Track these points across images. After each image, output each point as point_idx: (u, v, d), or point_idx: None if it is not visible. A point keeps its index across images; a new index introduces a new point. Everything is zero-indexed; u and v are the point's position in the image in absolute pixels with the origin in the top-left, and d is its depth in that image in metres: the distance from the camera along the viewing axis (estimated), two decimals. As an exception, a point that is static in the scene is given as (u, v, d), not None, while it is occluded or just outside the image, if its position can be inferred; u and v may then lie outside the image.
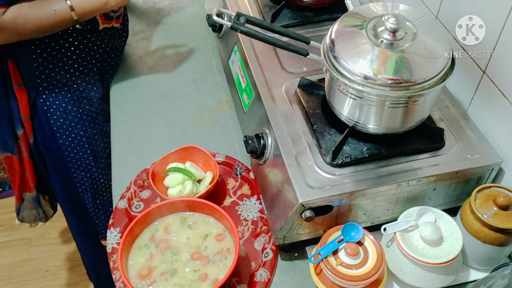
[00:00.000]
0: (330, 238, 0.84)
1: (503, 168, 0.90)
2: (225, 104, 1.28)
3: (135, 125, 1.25)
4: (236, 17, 0.90)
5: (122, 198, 1.07)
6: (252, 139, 0.95)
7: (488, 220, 0.80)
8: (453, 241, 0.82)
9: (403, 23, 0.79)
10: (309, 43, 0.92)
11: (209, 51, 1.45)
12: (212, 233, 0.90)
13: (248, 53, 1.10)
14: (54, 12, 1.03)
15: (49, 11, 1.02)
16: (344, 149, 0.88)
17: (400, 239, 0.82)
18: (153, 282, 0.83)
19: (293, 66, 1.07)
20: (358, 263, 0.81)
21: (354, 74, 0.79)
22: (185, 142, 1.10)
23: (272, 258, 0.93)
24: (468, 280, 0.89)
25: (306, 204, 0.82)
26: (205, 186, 1.02)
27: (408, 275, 0.83)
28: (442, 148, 0.90)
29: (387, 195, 0.86)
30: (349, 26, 0.85)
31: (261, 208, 1.02)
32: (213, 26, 1.27)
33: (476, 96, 0.96)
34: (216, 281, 0.83)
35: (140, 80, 1.38)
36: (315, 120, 0.93)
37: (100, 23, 1.20)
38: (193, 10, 1.63)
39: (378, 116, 0.84)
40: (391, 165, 0.87)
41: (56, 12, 1.03)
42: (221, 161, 1.11)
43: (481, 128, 0.94)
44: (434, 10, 1.04)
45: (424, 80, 0.78)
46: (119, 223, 1.02)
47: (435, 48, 0.81)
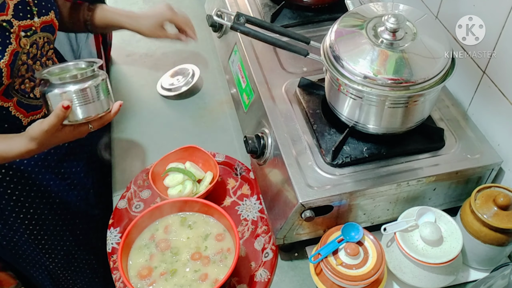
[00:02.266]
0: (330, 238, 0.84)
1: (503, 168, 0.90)
2: (225, 104, 1.28)
3: (135, 125, 1.25)
4: (236, 17, 0.90)
5: (122, 198, 1.07)
6: (252, 139, 0.95)
7: (488, 220, 0.80)
8: (453, 241, 0.82)
9: (403, 23, 0.79)
10: (309, 43, 0.92)
11: (209, 51, 1.45)
12: (212, 233, 0.90)
13: (248, 53, 1.10)
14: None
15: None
16: (344, 149, 0.88)
17: (400, 239, 0.82)
18: (153, 282, 0.83)
19: (293, 66, 1.07)
20: (358, 263, 0.81)
21: (354, 74, 0.79)
22: (185, 142, 1.09)
23: (272, 258, 0.93)
24: (468, 280, 0.89)
25: (306, 204, 0.82)
26: (205, 186, 1.02)
27: (408, 275, 0.83)
28: (442, 148, 0.90)
29: (387, 195, 0.86)
30: (349, 26, 0.85)
31: (261, 208, 1.02)
32: (213, 26, 1.26)
33: (476, 96, 0.96)
34: (216, 281, 0.83)
35: (140, 80, 1.38)
36: (315, 120, 0.93)
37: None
38: (193, 10, 1.63)
39: (378, 116, 0.84)
40: (391, 165, 0.87)
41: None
42: (221, 161, 1.11)
43: (481, 128, 0.94)
44: (434, 10, 1.04)
45: (424, 80, 0.78)
46: (119, 223, 1.02)
47: (435, 48, 0.81)
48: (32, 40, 0.96)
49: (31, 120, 1.01)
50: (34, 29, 0.96)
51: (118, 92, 1.34)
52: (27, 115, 1.00)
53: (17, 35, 0.91)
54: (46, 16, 0.99)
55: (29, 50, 0.95)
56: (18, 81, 0.95)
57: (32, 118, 1.01)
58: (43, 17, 0.98)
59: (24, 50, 0.94)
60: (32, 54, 0.97)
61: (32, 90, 0.99)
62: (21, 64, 0.94)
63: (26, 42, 0.94)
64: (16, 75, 0.94)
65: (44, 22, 0.99)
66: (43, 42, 1.00)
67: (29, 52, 0.96)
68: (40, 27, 0.97)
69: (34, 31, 0.96)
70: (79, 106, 0.83)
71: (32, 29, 0.96)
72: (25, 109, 0.99)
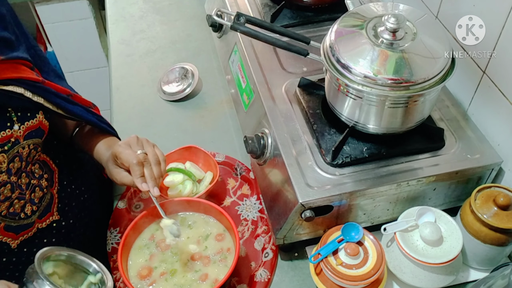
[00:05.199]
0: (330, 238, 0.84)
1: (503, 168, 0.90)
2: (225, 104, 1.28)
3: (135, 125, 1.24)
4: (236, 17, 0.90)
5: (122, 198, 1.07)
6: (252, 139, 0.95)
7: (488, 220, 0.80)
8: (453, 241, 0.82)
9: (403, 23, 0.79)
10: (309, 43, 0.92)
11: (209, 51, 1.45)
12: (212, 233, 0.90)
13: (248, 53, 1.10)
14: None
15: None
16: (344, 149, 0.88)
17: (400, 239, 0.82)
18: (153, 282, 0.83)
19: (293, 66, 1.07)
20: (358, 263, 0.81)
21: (354, 74, 0.79)
22: (185, 142, 1.09)
23: (272, 258, 0.93)
24: (468, 280, 0.89)
25: (306, 204, 0.82)
26: (205, 186, 1.02)
27: (408, 275, 0.83)
28: (442, 148, 0.90)
29: (387, 195, 0.86)
30: (349, 26, 0.85)
31: (261, 208, 1.02)
32: (213, 26, 1.27)
33: (476, 96, 0.96)
34: (216, 281, 0.83)
35: (140, 80, 1.38)
36: (315, 120, 0.93)
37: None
38: (193, 10, 1.63)
39: (378, 116, 0.84)
40: (391, 165, 0.87)
41: None
42: (221, 161, 1.11)
43: (481, 128, 0.94)
44: (434, 10, 1.04)
45: (424, 80, 0.78)
46: (119, 223, 1.02)
47: (435, 48, 0.81)
48: (13, 154, 0.79)
49: (21, 241, 0.86)
50: (15, 140, 0.79)
51: (118, 92, 1.34)
52: (17, 237, 0.85)
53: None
54: (32, 120, 0.82)
55: (9, 166, 0.79)
56: (4, 205, 0.81)
57: (21, 239, 0.86)
58: (27, 122, 0.81)
59: (1, 168, 0.78)
60: (15, 169, 0.81)
61: (22, 209, 0.84)
62: (1, 185, 0.79)
63: (3, 158, 0.78)
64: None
65: (28, 128, 0.82)
66: (29, 150, 0.83)
67: (10, 168, 0.80)
68: (23, 135, 0.80)
69: (14, 143, 0.79)
70: None
71: (11, 141, 0.79)
72: (14, 232, 0.84)
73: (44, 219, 0.90)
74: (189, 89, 1.29)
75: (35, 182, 0.87)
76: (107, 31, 1.60)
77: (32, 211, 0.87)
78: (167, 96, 1.30)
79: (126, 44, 1.50)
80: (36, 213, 0.88)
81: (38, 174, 0.88)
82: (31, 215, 0.86)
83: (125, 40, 1.52)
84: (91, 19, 2.31)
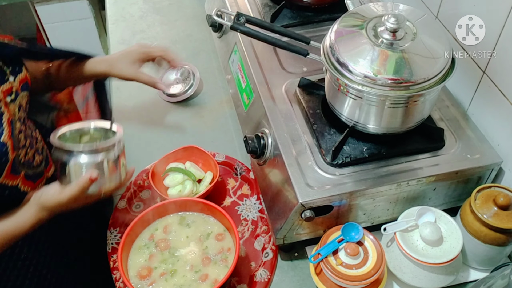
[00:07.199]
0: (330, 238, 0.84)
1: (503, 168, 0.90)
2: (225, 104, 1.28)
3: (135, 125, 1.24)
4: (236, 17, 0.90)
5: (122, 198, 1.07)
6: (252, 139, 0.95)
7: (488, 220, 0.80)
8: (453, 241, 0.82)
9: (403, 23, 0.79)
10: (309, 43, 0.92)
11: (209, 51, 1.45)
12: (213, 232, 0.90)
13: (248, 53, 1.10)
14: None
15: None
16: (344, 149, 0.88)
17: (400, 239, 0.82)
18: (152, 282, 0.83)
19: (293, 66, 1.07)
20: (358, 263, 0.81)
21: (354, 74, 0.79)
22: (185, 142, 1.09)
23: (272, 258, 0.93)
24: (468, 280, 0.89)
25: (306, 204, 0.82)
26: (205, 186, 1.02)
27: (408, 275, 0.83)
28: (442, 148, 0.90)
29: (387, 195, 0.86)
30: (349, 26, 0.85)
31: (261, 208, 1.02)
32: (213, 26, 1.27)
33: (476, 96, 0.96)
34: (216, 281, 0.83)
35: (140, 80, 1.38)
36: (315, 120, 0.93)
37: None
38: (193, 10, 1.63)
39: (378, 116, 0.84)
40: (391, 165, 0.87)
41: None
42: (221, 161, 1.11)
43: (481, 128, 0.94)
44: (434, 10, 1.04)
45: (424, 80, 0.78)
46: (119, 223, 1.02)
47: (435, 48, 0.81)
48: (18, 104, 0.86)
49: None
50: (15, 91, 0.85)
51: (118, 92, 1.34)
52: (34, 185, 0.90)
53: (4, 102, 0.82)
54: (21, 74, 0.89)
55: (18, 115, 0.86)
56: (22, 152, 0.86)
57: (36, 189, 0.89)
58: (19, 75, 0.88)
59: (16, 116, 0.84)
60: (22, 118, 0.87)
61: (34, 157, 0.90)
62: (18, 132, 0.84)
63: (14, 107, 0.84)
64: (18, 147, 0.84)
65: (21, 80, 0.88)
66: (26, 102, 0.90)
67: (20, 118, 0.86)
68: (20, 86, 0.87)
69: (16, 93, 0.86)
70: (102, 177, 0.79)
71: (14, 92, 0.85)
72: (32, 180, 0.89)
73: (48, 169, 0.95)
74: (190, 90, 1.29)
75: (35, 134, 0.93)
76: (107, 31, 1.60)
77: (40, 160, 0.92)
78: (168, 98, 1.30)
79: (126, 44, 1.50)
80: (43, 162, 0.92)
81: (32, 126, 0.93)
82: (40, 164, 0.92)
83: (125, 40, 1.52)
84: (91, 19, 2.31)
